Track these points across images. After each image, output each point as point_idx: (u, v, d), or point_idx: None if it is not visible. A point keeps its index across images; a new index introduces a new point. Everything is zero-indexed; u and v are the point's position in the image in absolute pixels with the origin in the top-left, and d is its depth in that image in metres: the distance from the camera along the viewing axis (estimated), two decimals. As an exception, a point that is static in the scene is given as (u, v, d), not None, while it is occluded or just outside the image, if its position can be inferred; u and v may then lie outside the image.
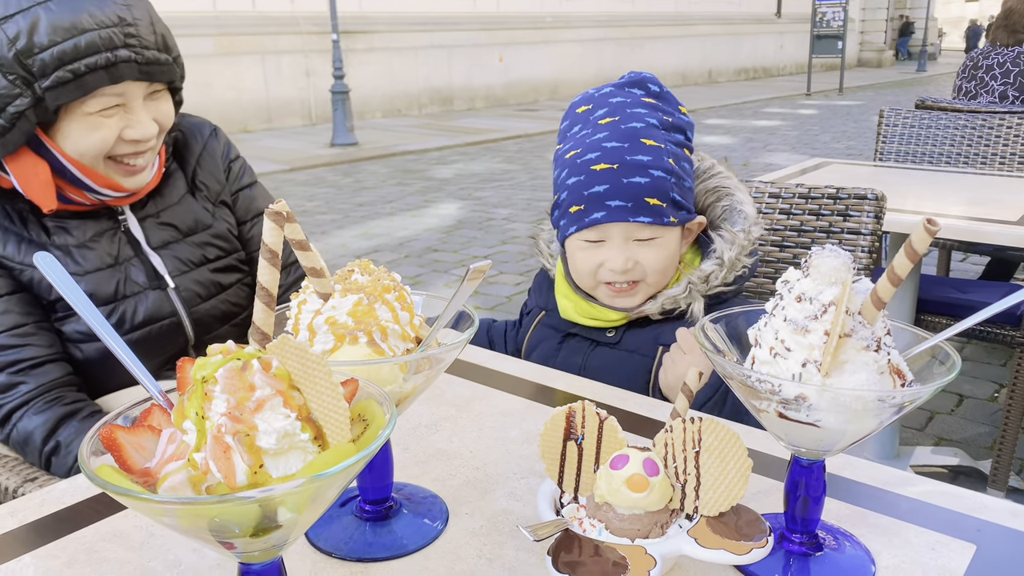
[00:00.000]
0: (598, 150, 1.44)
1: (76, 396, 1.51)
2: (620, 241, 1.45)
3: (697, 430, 0.85)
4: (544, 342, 1.62)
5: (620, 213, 1.42)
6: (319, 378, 0.65)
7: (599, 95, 1.52)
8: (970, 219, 2.52)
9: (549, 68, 19.58)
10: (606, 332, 1.55)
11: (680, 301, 1.47)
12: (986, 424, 3.45)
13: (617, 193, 1.41)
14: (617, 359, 1.52)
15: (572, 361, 1.56)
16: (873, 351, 0.79)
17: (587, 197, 1.43)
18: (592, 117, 1.49)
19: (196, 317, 1.65)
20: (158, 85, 1.53)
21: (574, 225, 1.47)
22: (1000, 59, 4.05)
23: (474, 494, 1.06)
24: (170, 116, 1.58)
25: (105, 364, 1.56)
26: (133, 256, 1.59)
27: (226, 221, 1.74)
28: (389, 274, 0.93)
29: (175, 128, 1.72)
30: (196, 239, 1.67)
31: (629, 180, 1.41)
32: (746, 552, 0.79)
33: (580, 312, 1.55)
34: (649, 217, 1.42)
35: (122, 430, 0.66)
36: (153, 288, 1.59)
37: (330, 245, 6.79)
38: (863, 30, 32.28)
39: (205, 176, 1.73)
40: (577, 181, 1.45)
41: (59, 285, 0.75)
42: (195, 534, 0.64)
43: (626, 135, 1.43)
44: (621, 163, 1.41)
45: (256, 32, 14.27)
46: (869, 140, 12.39)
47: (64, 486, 1.08)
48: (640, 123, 1.45)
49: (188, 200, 1.69)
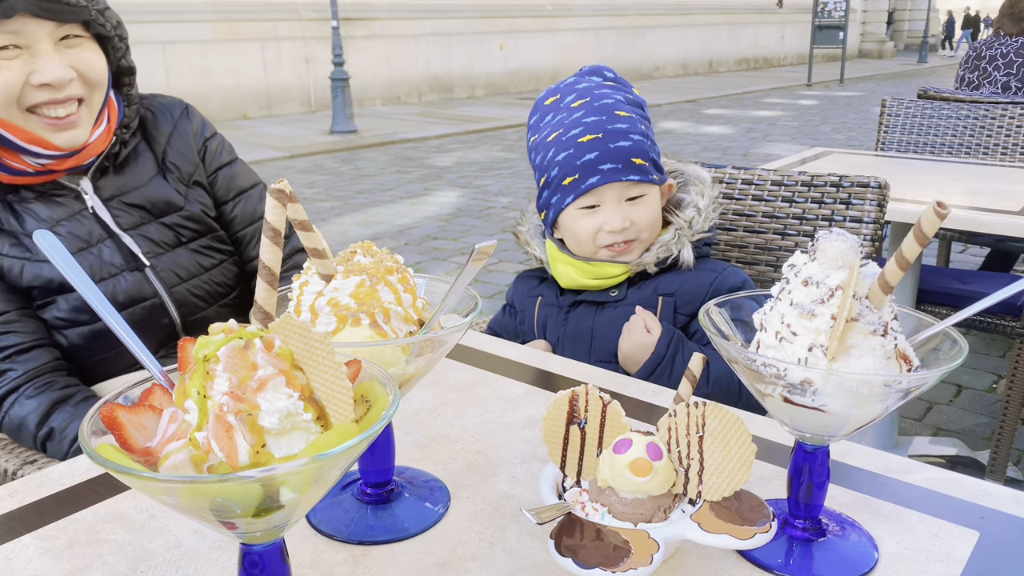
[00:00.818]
0: (580, 125, 1.57)
1: (68, 381, 1.50)
2: (614, 203, 1.57)
3: (701, 415, 0.85)
4: (550, 319, 1.68)
5: (613, 174, 1.55)
6: (322, 358, 0.64)
7: (564, 86, 1.68)
8: (971, 209, 2.52)
9: (549, 56, 19.52)
10: (610, 292, 1.63)
11: (672, 247, 1.60)
12: (984, 415, 3.46)
13: (607, 157, 1.55)
14: (623, 316, 1.59)
15: (582, 326, 1.63)
16: (880, 336, 0.78)
17: (579, 166, 1.56)
18: (563, 103, 1.63)
19: (178, 297, 1.63)
20: (73, 29, 1.46)
21: (571, 195, 1.58)
22: (1004, 49, 4.03)
23: (476, 478, 1.05)
24: (94, 66, 1.50)
25: (90, 349, 1.55)
26: (106, 238, 1.56)
27: (200, 203, 1.70)
28: (392, 256, 0.92)
29: (144, 106, 1.68)
30: (168, 220, 1.64)
31: (615, 145, 1.55)
32: (749, 537, 0.78)
33: (585, 274, 1.62)
34: (638, 175, 1.56)
35: (123, 409, 0.66)
36: (131, 269, 1.57)
37: (330, 232, 6.78)
38: (864, 20, 32.18)
39: (176, 157, 1.69)
40: (567, 155, 1.57)
41: (59, 263, 0.74)
42: (196, 514, 0.64)
43: (601, 109, 1.58)
44: (604, 132, 1.55)
45: (256, 18, 14.21)
46: (870, 131, 12.36)
47: (64, 467, 1.07)
48: (610, 99, 1.60)
49: (158, 181, 1.65)
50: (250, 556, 0.70)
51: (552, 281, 1.70)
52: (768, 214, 1.89)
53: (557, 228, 1.66)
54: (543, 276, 1.74)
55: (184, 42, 13.15)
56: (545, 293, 1.71)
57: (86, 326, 1.53)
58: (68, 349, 1.55)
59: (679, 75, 23.24)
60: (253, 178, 1.82)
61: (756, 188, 1.93)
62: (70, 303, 1.52)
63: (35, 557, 0.89)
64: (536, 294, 1.72)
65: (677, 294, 1.59)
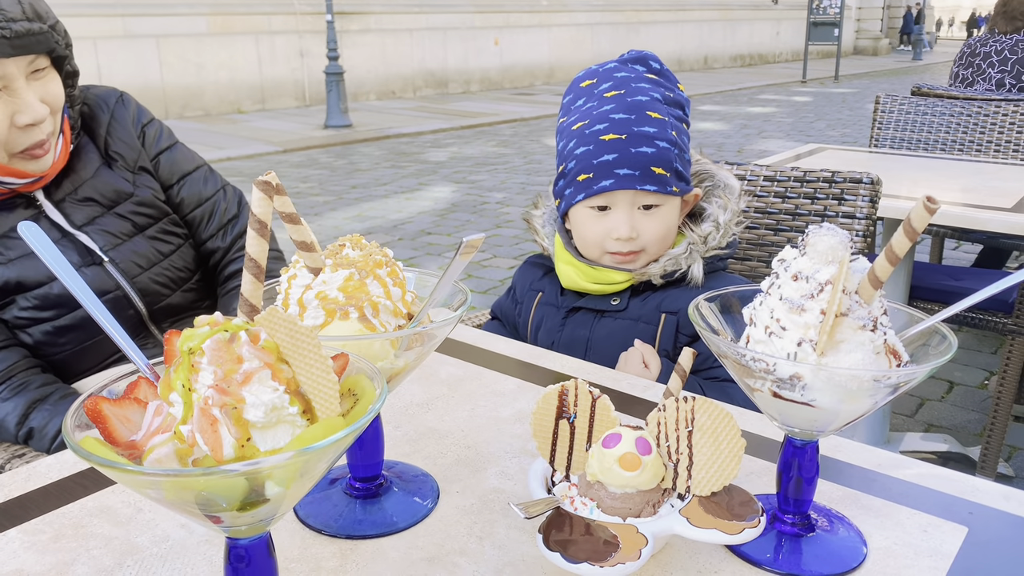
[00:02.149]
0: (606, 121, 1.49)
1: (44, 379, 1.50)
2: (626, 208, 1.49)
3: (690, 409, 0.84)
4: (547, 320, 1.63)
5: (628, 181, 1.47)
6: (308, 350, 0.64)
7: (603, 70, 1.57)
8: (965, 206, 2.52)
9: (545, 52, 19.49)
10: (611, 300, 1.57)
11: (681, 262, 1.52)
12: (975, 411, 3.47)
13: (625, 162, 1.46)
14: (622, 328, 1.54)
15: (578, 334, 1.57)
16: (869, 331, 0.78)
17: (596, 166, 1.48)
18: (597, 91, 1.54)
19: (141, 287, 1.62)
20: (40, 62, 1.45)
21: (582, 193, 1.51)
22: (998, 47, 4.04)
23: (465, 472, 1.05)
24: (58, 96, 1.51)
25: (57, 345, 1.55)
26: (61, 238, 1.55)
27: (149, 188, 1.69)
28: (381, 249, 0.92)
29: (81, 102, 1.66)
30: (121, 210, 1.63)
31: (637, 150, 1.46)
32: (738, 532, 0.78)
33: (586, 277, 1.57)
34: (655, 186, 1.47)
35: (107, 402, 0.65)
36: (87, 264, 1.56)
37: (323, 227, 6.76)
38: (859, 18, 32.20)
39: (118, 145, 1.68)
40: (586, 151, 1.49)
41: (43, 254, 0.73)
42: (181, 508, 0.63)
43: (632, 107, 1.49)
44: (629, 134, 1.47)
45: (250, 12, 14.16)
46: (864, 128, 12.38)
47: (50, 461, 1.07)
48: (645, 96, 1.51)
49: (104, 172, 1.64)
50: (236, 550, 0.69)
51: (556, 276, 1.65)
52: (761, 210, 1.89)
53: (568, 219, 1.61)
54: (550, 266, 1.68)
55: (178, 36, 13.10)
56: (547, 289, 1.66)
57: (49, 323, 1.52)
58: (34, 347, 1.54)
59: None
60: (195, 160, 1.81)
61: (749, 184, 1.93)
62: (29, 301, 1.51)
63: (20, 551, 0.89)
64: (538, 288, 1.67)
65: (681, 313, 1.51)
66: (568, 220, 1.61)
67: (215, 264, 1.79)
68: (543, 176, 8.97)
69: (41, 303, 1.51)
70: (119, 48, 12.52)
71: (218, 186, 1.80)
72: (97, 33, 12.17)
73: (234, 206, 1.81)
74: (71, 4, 11.51)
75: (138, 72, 12.68)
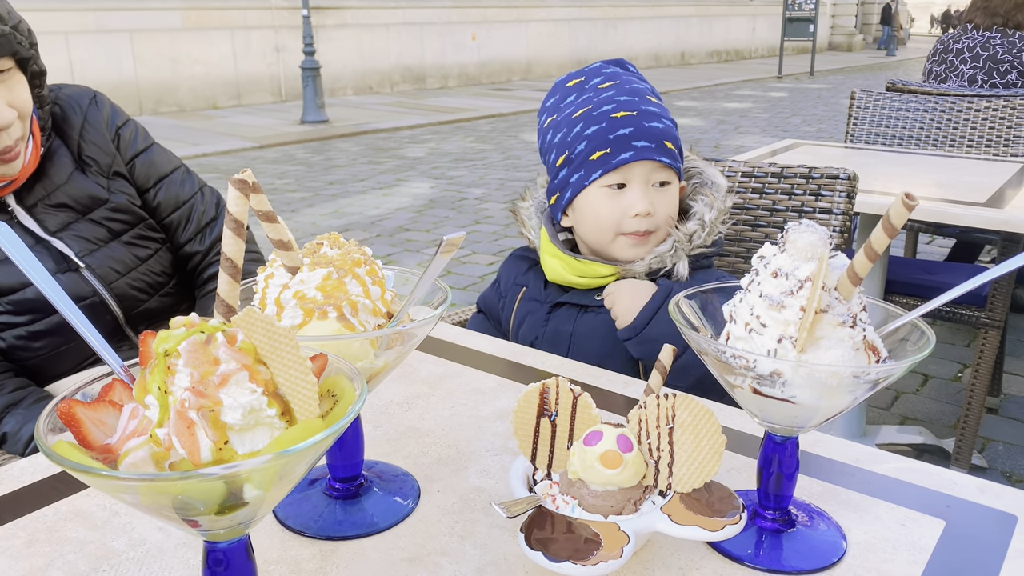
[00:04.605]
0: (612, 103, 1.52)
1: (17, 383, 1.47)
2: (642, 184, 1.50)
3: (671, 406, 0.84)
4: (530, 315, 1.62)
5: (647, 152, 1.48)
6: (286, 352, 0.63)
7: (589, 69, 1.62)
8: (939, 201, 2.55)
9: (522, 47, 19.47)
10: (595, 295, 1.56)
11: (667, 259, 1.52)
12: (950, 403, 3.51)
13: (641, 135, 1.49)
14: (604, 323, 1.52)
15: (562, 329, 1.56)
16: (849, 327, 0.78)
17: (612, 140, 1.49)
18: (588, 85, 1.58)
19: (118, 293, 1.60)
20: (3, 63, 1.42)
21: (599, 170, 1.50)
22: (970, 43, 4.08)
23: (446, 471, 1.04)
24: (25, 99, 1.47)
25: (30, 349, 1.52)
26: (34, 244, 1.52)
27: (124, 193, 1.66)
28: (360, 247, 0.91)
29: (51, 102, 1.62)
30: (96, 216, 1.60)
31: (649, 124, 1.50)
32: (719, 528, 0.78)
33: (571, 270, 1.56)
34: (668, 159, 1.50)
35: (81, 405, 0.64)
36: (63, 271, 1.54)
37: (300, 223, 6.72)
38: (834, 14, 32.46)
39: (91, 150, 1.64)
40: (598, 128, 1.50)
41: (16, 258, 0.72)
42: (158, 512, 0.62)
43: (633, 92, 1.54)
44: (639, 111, 1.51)
45: (225, 7, 14.01)
46: (839, 123, 12.48)
47: (24, 464, 1.05)
48: (639, 85, 1.57)
49: (78, 177, 1.60)
50: (214, 554, 0.68)
51: (541, 270, 1.63)
52: (739, 205, 1.90)
53: (569, 214, 1.58)
54: (535, 260, 1.66)
55: (152, 31, 12.94)
56: (531, 284, 1.64)
57: (23, 327, 1.50)
58: (8, 352, 1.51)
59: (652, 67, 23.29)
60: (173, 162, 1.78)
61: (726, 180, 1.93)
62: (3, 306, 1.49)
63: (-7, 557, 0.87)
64: (522, 283, 1.66)
65: None
66: (569, 213, 1.59)
67: (193, 267, 1.76)
68: (522, 172, 8.96)
69: (15, 308, 1.48)
70: (92, 43, 12.34)
71: (195, 188, 1.77)
72: (69, 28, 11.99)
73: (212, 208, 1.78)
74: (42, -2, 11.35)
75: (111, 67, 12.51)
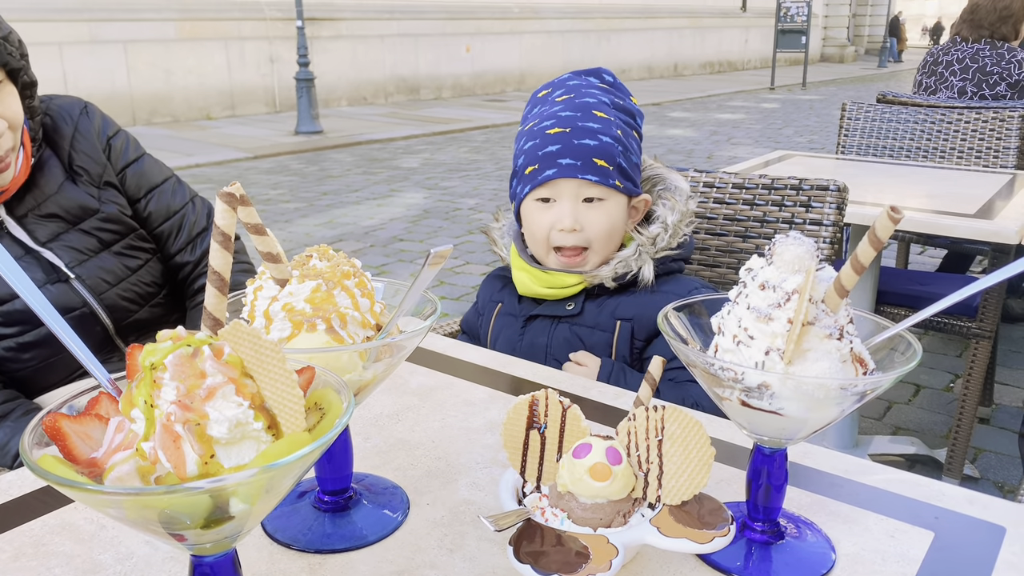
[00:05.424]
0: (553, 118, 1.57)
1: (6, 395, 1.47)
2: (570, 200, 1.54)
3: (660, 418, 0.84)
4: (506, 329, 1.65)
5: (570, 170, 1.52)
6: (272, 365, 0.63)
7: (558, 81, 1.67)
8: (929, 211, 2.56)
9: (516, 59, 19.54)
10: (566, 306, 1.59)
11: (631, 263, 1.55)
12: (942, 413, 3.52)
13: (568, 152, 1.52)
14: (578, 335, 1.57)
15: (537, 342, 1.60)
16: (836, 339, 0.78)
17: (541, 157, 1.54)
18: (551, 98, 1.64)
19: (108, 303, 1.59)
20: None
21: (529, 184, 1.56)
22: (959, 55, 4.11)
23: (436, 484, 1.04)
24: (16, 111, 1.48)
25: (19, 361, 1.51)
26: (24, 255, 1.52)
27: (115, 203, 1.66)
28: (349, 260, 0.91)
29: (42, 112, 1.62)
30: (86, 226, 1.60)
31: (579, 142, 1.52)
32: (708, 541, 0.78)
33: (539, 282, 1.60)
34: (596, 176, 1.52)
35: (67, 419, 0.64)
36: (52, 282, 1.53)
37: (294, 234, 6.71)
38: (826, 26, 32.66)
39: (82, 160, 1.64)
40: (532, 144, 1.56)
41: (3, 270, 0.71)
42: (144, 526, 0.62)
43: (579, 107, 1.57)
44: (573, 128, 1.54)
45: (219, 17, 14.03)
46: (831, 134, 12.54)
47: (11, 477, 1.04)
48: (592, 99, 1.59)
49: (68, 187, 1.60)
50: (201, 568, 0.68)
51: (515, 286, 1.67)
52: (730, 216, 1.91)
53: (522, 221, 1.64)
54: (510, 277, 1.70)
55: (146, 41, 12.94)
56: (506, 300, 1.68)
57: (12, 339, 1.49)
58: None
59: (644, 78, 23.40)
60: (164, 172, 1.78)
61: (718, 191, 1.94)
62: None
63: (-21, 571, 0.87)
64: (498, 299, 1.70)
65: (635, 319, 1.54)
66: (522, 223, 1.65)
67: (184, 278, 1.76)
68: (515, 182, 8.96)
69: (4, 319, 1.48)
70: (85, 54, 12.34)
71: (186, 198, 1.77)
72: (63, 39, 11.99)
73: (203, 219, 1.78)
74: (36, 9, 11.34)
75: (105, 78, 12.51)
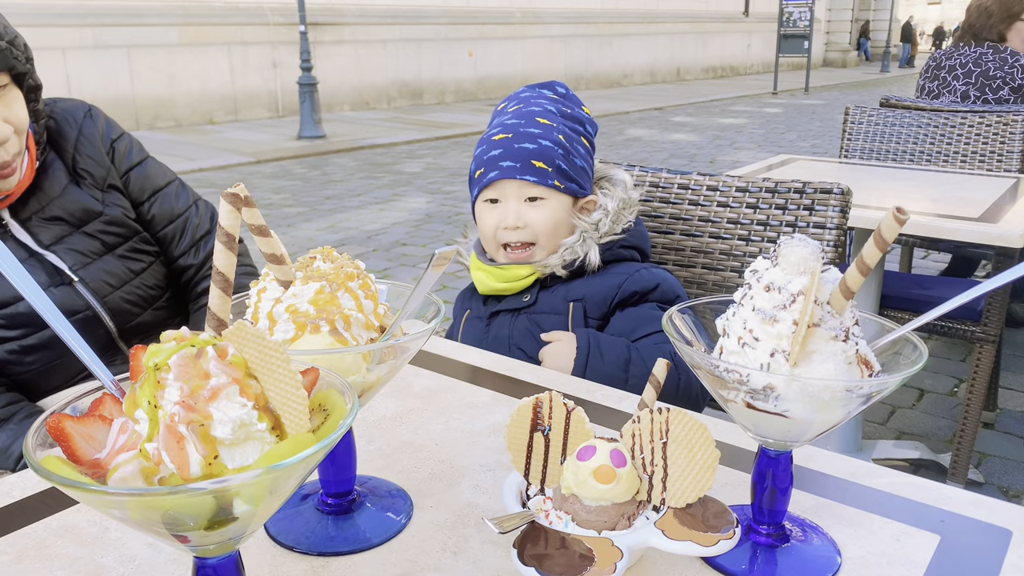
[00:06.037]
0: (500, 126, 1.70)
1: (9, 398, 1.46)
2: (514, 200, 1.66)
3: (665, 421, 0.84)
4: (474, 330, 1.76)
5: (510, 171, 1.65)
6: (277, 366, 0.63)
7: (514, 94, 1.80)
8: (933, 215, 2.56)
9: (519, 63, 19.56)
10: (523, 298, 1.71)
11: (577, 249, 1.66)
12: (946, 418, 3.51)
13: (509, 155, 1.65)
14: (537, 322, 1.68)
15: (501, 334, 1.70)
16: (841, 341, 0.78)
17: (486, 161, 1.68)
18: (507, 109, 1.77)
19: (112, 306, 1.59)
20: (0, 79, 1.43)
21: (477, 187, 1.70)
22: (962, 59, 4.11)
23: (439, 487, 1.04)
24: (21, 116, 1.48)
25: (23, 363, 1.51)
26: (28, 258, 1.52)
27: (119, 206, 1.66)
28: (352, 262, 0.91)
29: (46, 116, 1.62)
30: (90, 229, 1.60)
31: (520, 146, 1.65)
32: (713, 544, 0.78)
33: (494, 277, 1.71)
34: (535, 177, 1.64)
35: (70, 419, 0.64)
36: (56, 285, 1.53)
37: (297, 238, 6.72)
38: (829, 30, 32.70)
39: (86, 162, 1.64)
40: (481, 150, 1.70)
41: (8, 272, 0.71)
42: (147, 527, 0.62)
43: (524, 115, 1.70)
44: (515, 133, 1.67)
45: (223, 23, 14.07)
46: (834, 139, 12.54)
47: (13, 480, 1.04)
48: (538, 108, 1.72)
49: (72, 190, 1.60)
50: (204, 570, 0.68)
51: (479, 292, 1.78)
52: (733, 220, 1.90)
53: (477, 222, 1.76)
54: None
55: (149, 46, 12.98)
56: (473, 306, 1.78)
57: (15, 342, 1.49)
58: None
59: (647, 83, 23.42)
60: (167, 175, 1.78)
61: (721, 195, 1.94)
62: None
63: (-18, 573, 0.87)
64: (467, 307, 1.80)
65: (586, 298, 1.66)
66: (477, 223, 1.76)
67: (187, 281, 1.76)
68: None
69: (8, 322, 1.48)
70: (89, 59, 12.38)
71: (190, 201, 1.77)
72: (66, 43, 12.02)
73: (206, 222, 1.78)
74: (40, 14, 11.38)
75: (108, 83, 12.54)
